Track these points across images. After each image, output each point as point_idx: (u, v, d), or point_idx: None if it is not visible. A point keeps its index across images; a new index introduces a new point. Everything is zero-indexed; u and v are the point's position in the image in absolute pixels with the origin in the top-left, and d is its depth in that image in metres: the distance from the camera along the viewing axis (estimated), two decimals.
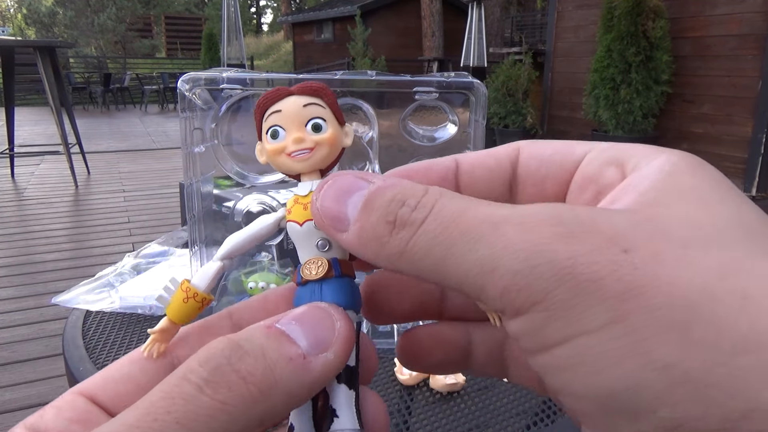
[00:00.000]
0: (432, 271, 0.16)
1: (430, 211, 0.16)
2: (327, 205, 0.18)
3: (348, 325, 0.18)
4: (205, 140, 0.62)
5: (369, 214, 0.17)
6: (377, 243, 0.17)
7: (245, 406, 0.15)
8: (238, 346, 0.16)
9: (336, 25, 13.20)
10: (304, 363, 0.16)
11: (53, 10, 17.36)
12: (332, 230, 0.18)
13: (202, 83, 0.57)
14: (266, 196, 0.71)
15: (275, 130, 0.21)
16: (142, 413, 0.14)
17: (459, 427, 0.58)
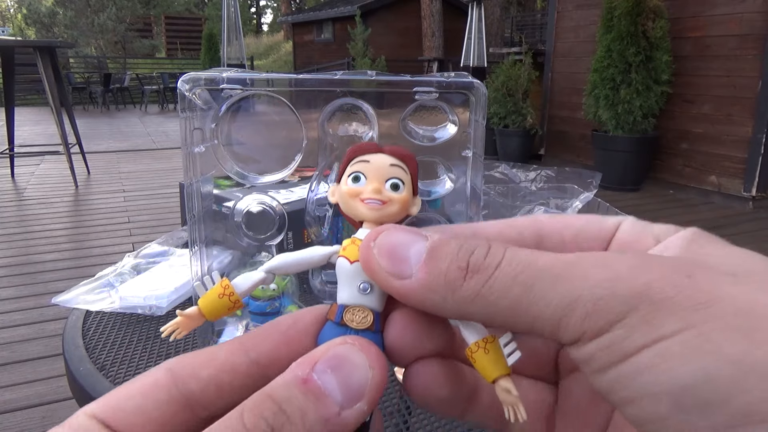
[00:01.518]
0: (507, 310, 0.18)
1: (503, 257, 0.18)
2: (386, 252, 0.19)
3: (382, 371, 0.19)
4: (205, 140, 0.62)
5: (437, 261, 0.18)
6: (448, 288, 0.18)
7: None
8: (281, 411, 0.17)
9: (336, 25, 13.21)
10: (339, 420, 0.17)
11: (53, 10, 17.36)
12: (388, 276, 0.19)
13: (202, 83, 0.57)
14: (266, 196, 0.71)
15: (358, 175, 0.23)
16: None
17: (459, 427, 0.58)
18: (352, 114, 0.61)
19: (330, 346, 0.19)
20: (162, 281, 0.83)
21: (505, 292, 0.17)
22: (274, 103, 0.61)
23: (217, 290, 0.22)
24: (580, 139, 5.34)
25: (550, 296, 0.17)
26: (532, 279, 0.17)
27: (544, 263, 0.17)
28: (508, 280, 0.17)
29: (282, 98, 0.60)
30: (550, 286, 0.17)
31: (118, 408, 0.19)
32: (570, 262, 0.17)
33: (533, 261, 0.18)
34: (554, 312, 0.17)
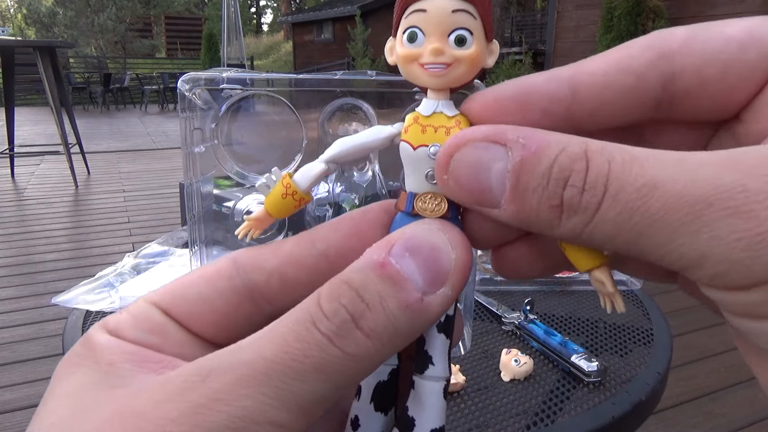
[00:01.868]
0: (615, 252, 0.16)
1: (604, 195, 0.14)
2: (464, 183, 0.17)
3: (466, 252, 0.17)
4: (205, 140, 0.62)
5: (525, 197, 0.16)
6: (544, 225, 0.16)
7: (370, 357, 0.16)
8: (359, 298, 0.16)
9: (336, 25, 13.20)
10: (422, 306, 0.16)
11: (53, 10, 17.36)
12: (476, 205, 0.17)
13: (202, 83, 0.57)
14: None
15: (413, 32, 0.18)
16: (278, 351, 0.15)
17: (459, 427, 0.58)
18: (352, 114, 0.61)
19: (406, 229, 0.17)
20: (162, 281, 0.83)
21: (610, 237, 0.15)
22: (274, 103, 0.61)
23: (279, 190, 0.20)
24: None
25: (669, 248, 0.14)
26: (643, 226, 0.14)
27: (657, 207, 0.14)
28: (613, 227, 0.14)
29: (282, 98, 0.60)
30: (668, 238, 0.14)
31: (179, 296, 0.19)
32: (697, 199, 0.13)
33: (644, 201, 0.14)
34: (676, 263, 0.14)
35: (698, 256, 0.13)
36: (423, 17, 0.18)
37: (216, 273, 0.19)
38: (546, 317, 0.81)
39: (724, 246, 0.13)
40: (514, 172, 0.16)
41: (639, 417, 0.64)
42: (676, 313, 2.35)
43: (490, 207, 0.17)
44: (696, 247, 0.13)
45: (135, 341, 0.17)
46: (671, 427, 1.69)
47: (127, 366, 0.16)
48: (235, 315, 0.19)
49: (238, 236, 0.20)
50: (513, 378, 0.66)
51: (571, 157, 0.15)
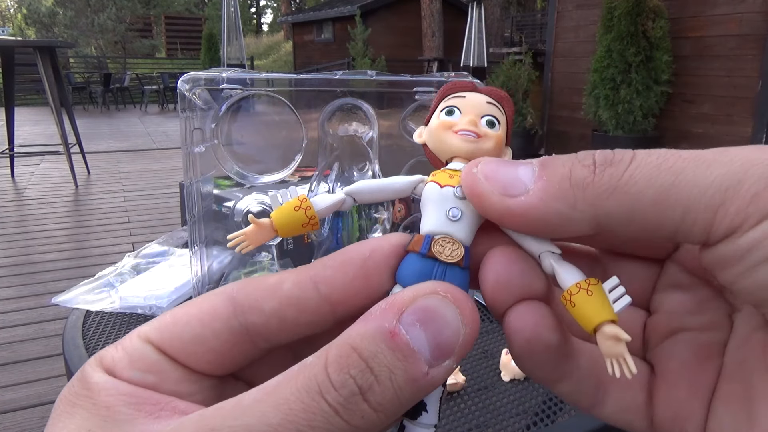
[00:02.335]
0: (652, 203, 0.15)
1: (634, 153, 0.16)
2: (492, 173, 0.18)
3: (474, 327, 0.17)
4: (205, 140, 0.62)
5: (555, 168, 0.17)
6: (577, 189, 0.16)
7: (374, 428, 0.16)
8: (368, 369, 0.16)
9: (336, 25, 13.20)
10: (427, 379, 0.16)
11: (53, 10, 17.36)
12: (499, 196, 0.17)
13: (202, 83, 0.57)
14: (266, 196, 0.71)
15: (452, 109, 0.21)
16: (283, 418, 0.15)
17: (459, 427, 0.58)
18: (352, 114, 0.61)
19: (417, 294, 0.17)
20: (162, 281, 0.83)
21: (649, 181, 0.15)
22: (274, 103, 0.61)
23: (293, 203, 0.20)
24: (580, 139, 5.33)
25: (707, 180, 0.15)
26: (679, 166, 0.15)
27: (689, 153, 0.15)
28: (651, 169, 0.15)
29: (282, 98, 0.60)
30: (704, 171, 0.15)
31: (175, 335, 0.18)
32: (721, 150, 0.15)
33: (674, 153, 0.16)
34: (712, 198, 0.15)
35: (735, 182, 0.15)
36: (461, 101, 0.21)
37: (212, 313, 0.19)
38: None
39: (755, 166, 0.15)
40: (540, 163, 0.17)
41: None
42: None
43: (517, 195, 0.17)
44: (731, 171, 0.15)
45: (131, 381, 0.17)
46: None
47: (125, 410, 0.16)
48: (231, 354, 0.18)
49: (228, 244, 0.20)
50: (513, 378, 0.66)
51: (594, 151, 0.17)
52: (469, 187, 0.18)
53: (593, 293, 0.18)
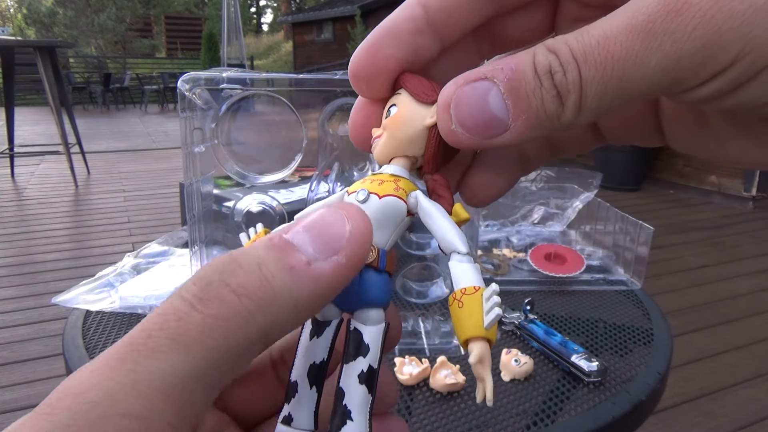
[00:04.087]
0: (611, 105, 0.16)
1: (578, 64, 0.16)
2: (468, 121, 0.18)
3: (362, 225, 0.17)
4: (205, 140, 0.62)
5: (529, 103, 0.17)
6: (552, 120, 0.17)
7: (240, 319, 0.14)
8: (234, 260, 0.15)
9: (336, 25, 13.20)
10: (309, 270, 0.15)
11: (53, 10, 17.36)
12: (488, 140, 0.18)
13: (202, 83, 0.57)
14: (266, 196, 0.71)
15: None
16: (137, 330, 0.14)
17: (459, 427, 0.58)
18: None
19: (309, 212, 0.17)
20: (162, 281, 0.83)
21: (602, 94, 0.16)
22: (274, 103, 0.61)
23: (253, 238, 0.21)
24: None
25: (649, 74, 0.15)
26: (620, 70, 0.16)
27: (620, 48, 0.15)
28: (600, 84, 0.16)
29: (282, 98, 0.60)
30: (642, 66, 0.15)
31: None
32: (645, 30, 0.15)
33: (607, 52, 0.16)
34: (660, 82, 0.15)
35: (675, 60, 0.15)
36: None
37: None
38: (546, 317, 0.81)
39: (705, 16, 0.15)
40: (509, 91, 0.17)
41: (639, 417, 0.64)
42: (676, 313, 2.35)
43: (500, 133, 0.18)
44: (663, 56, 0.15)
45: None
46: (671, 427, 1.69)
47: None
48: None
49: None
50: (513, 378, 0.66)
51: (542, 55, 0.17)
52: (455, 144, 0.19)
53: (464, 305, 0.17)
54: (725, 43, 0.14)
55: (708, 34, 0.14)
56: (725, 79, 0.15)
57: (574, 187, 1.07)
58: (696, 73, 0.15)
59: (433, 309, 0.74)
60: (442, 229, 0.19)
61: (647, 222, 0.88)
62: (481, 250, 0.99)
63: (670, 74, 0.15)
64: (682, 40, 0.15)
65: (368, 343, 0.18)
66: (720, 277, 2.73)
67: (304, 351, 0.19)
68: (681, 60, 0.15)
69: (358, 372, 0.18)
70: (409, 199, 0.19)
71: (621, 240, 0.94)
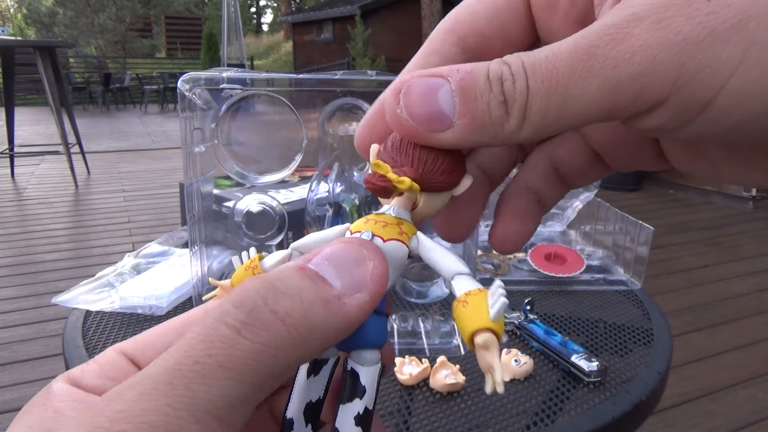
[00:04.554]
0: (556, 123, 0.17)
1: (527, 75, 0.16)
2: (416, 110, 0.18)
3: (382, 264, 0.17)
4: (205, 140, 0.62)
5: (476, 104, 0.17)
6: (496, 126, 0.17)
7: (285, 348, 0.15)
8: (274, 287, 0.15)
9: (336, 25, 13.20)
10: (340, 305, 0.16)
11: (53, 10, 17.36)
12: (430, 133, 0.18)
13: (202, 83, 0.57)
14: (266, 196, 0.71)
15: None
16: (181, 356, 0.14)
17: (459, 427, 0.58)
18: (352, 114, 0.61)
19: (325, 246, 0.18)
20: (162, 281, 0.83)
21: (546, 108, 0.16)
22: (274, 103, 0.61)
23: (245, 264, 0.22)
24: None
25: (590, 94, 0.16)
26: (563, 86, 0.16)
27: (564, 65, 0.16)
28: (544, 97, 0.16)
29: (282, 98, 0.60)
30: (585, 86, 0.16)
31: (148, 345, 0.19)
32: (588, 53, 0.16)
33: (554, 67, 0.16)
34: (601, 104, 0.16)
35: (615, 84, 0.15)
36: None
37: (185, 324, 0.20)
38: (546, 317, 0.81)
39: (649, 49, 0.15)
40: (459, 89, 0.17)
41: (639, 417, 0.64)
42: (676, 313, 2.35)
43: (443, 129, 0.18)
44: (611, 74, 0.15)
45: (96, 388, 0.17)
46: (671, 427, 1.69)
47: (72, 413, 0.16)
48: None
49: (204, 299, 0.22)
50: (513, 378, 0.66)
51: (496, 64, 0.17)
52: (399, 129, 0.19)
53: (468, 303, 0.17)
54: (660, 73, 0.15)
55: (644, 62, 0.15)
56: (669, 111, 0.15)
57: None
58: (633, 100, 0.15)
59: (433, 309, 0.74)
60: (444, 257, 0.19)
61: (647, 222, 0.88)
62: (481, 250, 0.99)
63: (609, 98, 0.16)
64: (621, 66, 0.15)
65: (365, 385, 0.18)
66: (720, 277, 2.73)
67: (301, 390, 0.19)
68: (619, 85, 0.15)
69: (354, 414, 0.18)
70: (411, 242, 0.20)
71: (621, 240, 0.94)
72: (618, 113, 0.16)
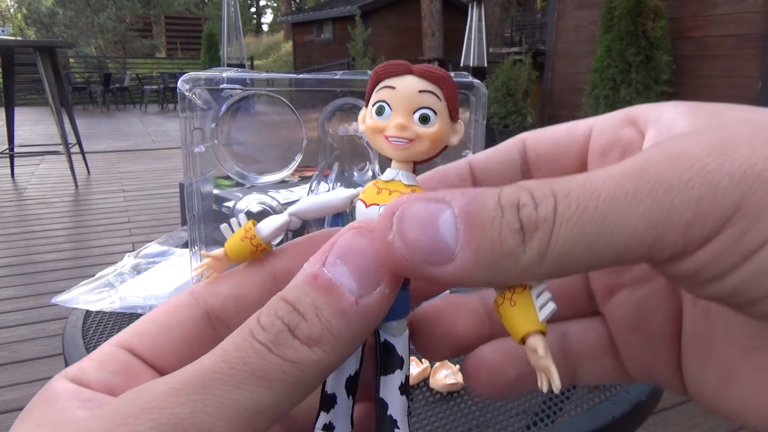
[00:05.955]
0: (584, 256, 0.14)
1: (556, 199, 0.14)
2: (412, 238, 0.15)
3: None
4: (205, 140, 0.62)
5: (482, 231, 0.15)
6: (509, 259, 0.15)
7: (314, 364, 0.16)
8: (293, 311, 0.16)
9: (336, 25, 13.20)
10: (358, 309, 0.16)
11: (53, 10, 17.36)
12: (427, 266, 0.15)
13: (202, 83, 0.57)
14: (266, 196, 0.71)
15: (381, 106, 0.19)
16: (217, 360, 0.15)
17: (459, 427, 0.58)
18: (352, 114, 0.61)
19: (337, 237, 0.17)
20: (162, 281, 0.83)
21: (576, 238, 0.14)
22: (274, 103, 0.61)
23: (239, 233, 0.21)
24: None
25: (634, 221, 0.14)
26: (601, 212, 0.14)
27: (607, 187, 0.14)
28: (574, 224, 0.14)
29: (282, 98, 0.60)
30: (627, 211, 0.14)
31: (143, 333, 0.20)
32: (637, 173, 0.14)
33: (593, 190, 0.14)
34: (644, 236, 0.14)
35: (665, 212, 0.13)
36: (391, 93, 0.19)
37: (176, 306, 0.20)
38: None
39: (681, 192, 0.13)
40: (463, 214, 0.15)
41: (639, 417, 0.64)
42: None
43: (442, 263, 0.15)
44: (658, 204, 0.13)
45: (98, 383, 0.18)
46: (671, 427, 1.69)
47: (80, 412, 0.16)
48: (198, 342, 0.19)
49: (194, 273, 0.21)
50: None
51: (511, 189, 0.15)
52: (390, 261, 0.16)
53: (516, 303, 0.17)
54: (719, 201, 0.13)
55: (704, 187, 0.13)
56: (717, 248, 0.14)
57: None
58: (683, 233, 0.13)
59: None
60: None
61: None
62: None
63: (656, 229, 0.14)
64: (676, 188, 0.13)
65: (401, 356, 0.19)
66: None
67: (341, 366, 0.19)
68: (671, 212, 0.13)
69: (398, 384, 0.19)
70: None
71: None
72: (660, 249, 0.14)
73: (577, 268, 0.15)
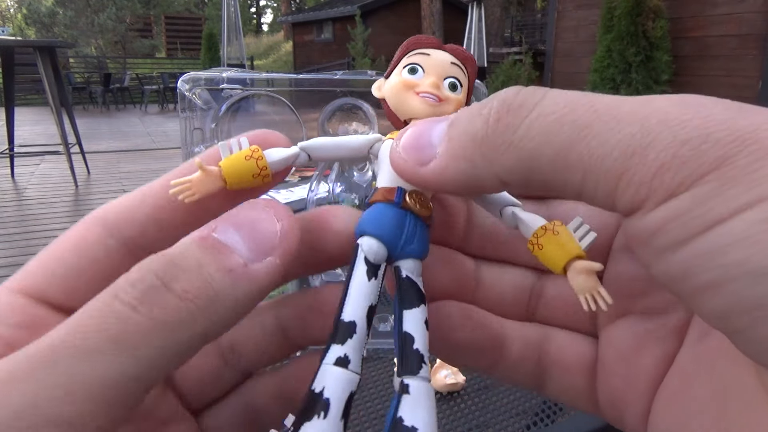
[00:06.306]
0: (550, 162, 0.14)
1: (545, 95, 0.14)
2: (409, 144, 0.18)
3: (290, 223, 0.17)
4: (205, 140, 0.62)
5: (458, 124, 0.16)
6: (475, 146, 0.15)
7: (185, 322, 0.14)
8: (172, 264, 0.15)
9: (336, 25, 13.20)
10: (246, 272, 0.15)
11: (53, 10, 17.36)
12: (414, 167, 0.17)
13: (202, 83, 0.57)
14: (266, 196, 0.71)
15: (415, 67, 0.21)
16: (70, 331, 0.13)
17: (459, 427, 0.58)
18: (352, 114, 0.61)
19: (232, 210, 0.17)
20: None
21: (547, 136, 0.13)
22: (274, 103, 0.61)
23: (244, 152, 0.19)
24: None
25: (613, 139, 0.13)
26: (586, 120, 0.13)
27: (605, 104, 0.13)
28: (552, 122, 0.13)
29: (282, 98, 0.60)
30: (613, 127, 0.13)
31: (48, 274, 0.17)
32: (646, 100, 0.13)
33: (589, 100, 0.13)
34: (615, 162, 0.13)
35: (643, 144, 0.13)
36: (426, 59, 0.21)
37: (84, 241, 0.17)
38: None
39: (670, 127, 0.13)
40: (454, 117, 0.17)
41: None
42: None
43: (428, 160, 0.17)
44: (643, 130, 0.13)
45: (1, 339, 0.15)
46: None
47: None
48: (118, 274, 0.16)
49: (171, 190, 0.18)
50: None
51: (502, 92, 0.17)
52: (392, 163, 0.19)
53: (559, 233, 0.18)
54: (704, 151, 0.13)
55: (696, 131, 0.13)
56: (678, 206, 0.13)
57: None
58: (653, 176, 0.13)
59: None
60: None
61: None
62: None
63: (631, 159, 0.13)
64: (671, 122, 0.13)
65: (424, 292, 0.19)
66: None
67: (365, 293, 0.18)
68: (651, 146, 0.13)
69: (424, 319, 0.18)
70: None
71: None
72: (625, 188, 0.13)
73: (545, 179, 0.14)
